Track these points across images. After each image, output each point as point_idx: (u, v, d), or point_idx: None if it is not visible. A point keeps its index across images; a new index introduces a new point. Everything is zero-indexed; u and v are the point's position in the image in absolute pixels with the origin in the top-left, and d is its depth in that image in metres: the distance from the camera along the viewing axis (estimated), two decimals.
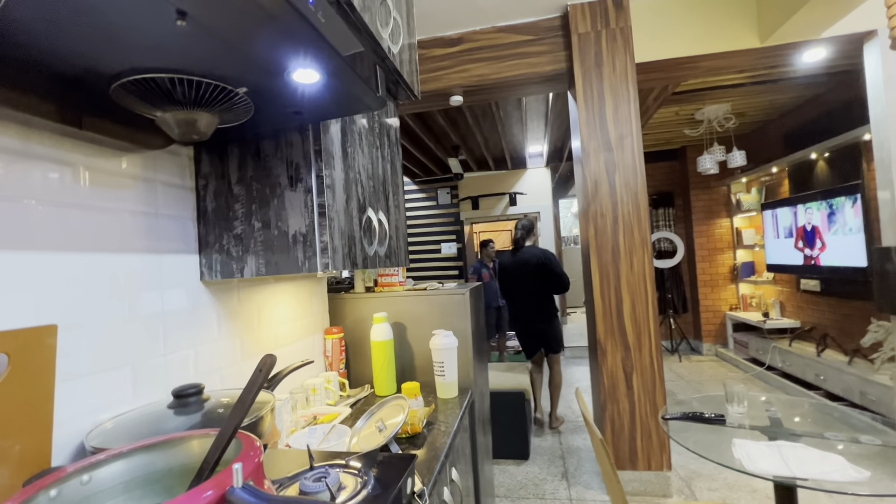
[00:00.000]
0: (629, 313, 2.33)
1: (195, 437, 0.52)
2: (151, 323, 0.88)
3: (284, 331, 1.37)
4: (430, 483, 0.90)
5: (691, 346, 5.42)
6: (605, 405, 2.35)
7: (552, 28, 2.51)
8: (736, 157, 3.91)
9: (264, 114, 0.86)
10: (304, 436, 1.06)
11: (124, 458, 0.49)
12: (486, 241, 5.39)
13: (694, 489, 2.36)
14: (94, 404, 0.76)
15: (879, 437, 1.22)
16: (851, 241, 3.18)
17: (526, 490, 2.46)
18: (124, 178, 0.85)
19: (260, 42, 0.61)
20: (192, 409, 0.76)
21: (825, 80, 3.33)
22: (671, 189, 5.45)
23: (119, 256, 0.82)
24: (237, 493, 0.36)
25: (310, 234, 0.95)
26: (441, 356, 1.45)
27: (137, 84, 0.68)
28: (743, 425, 1.38)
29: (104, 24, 0.53)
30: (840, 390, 3.22)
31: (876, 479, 1.01)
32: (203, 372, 1.02)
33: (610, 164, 2.36)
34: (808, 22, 2.09)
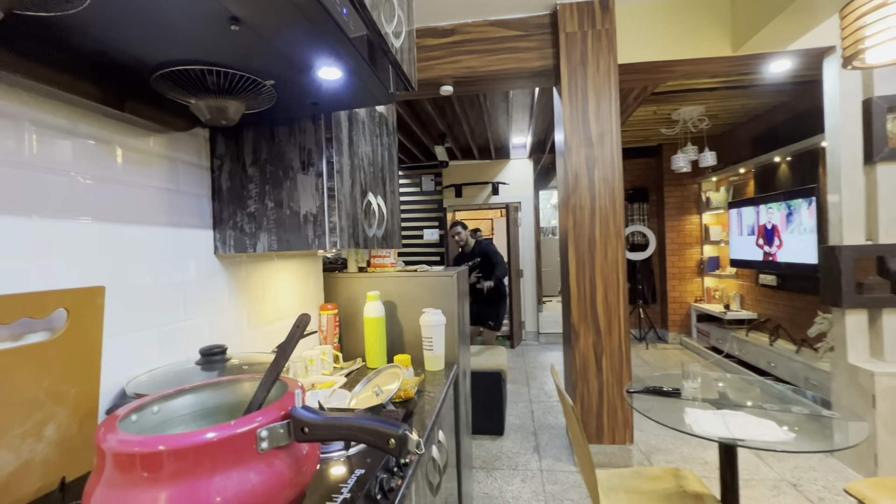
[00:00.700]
0: (602, 300, 2.50)
1: (245, 379, 0.62)
2: (174, 291, 0.96)
3: (285, 305, 1.46)
4: (425, 437, 1.02)
5: (658, 334, 5.72)
6: (576, 384, 2.53)
7: (541, 25, 2.61)
8: (707, 158, 4.13)
9: (284, 102, 0.94)
10: (309, 398, 1.17)
11: (188, 394, 0.59)
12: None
13: (653, 461, 2.58)
14: (129, 360, 0.85)
15: (806, 408, 1.42)
16: (806, 240, 3.45)
17: (500, 462, 2.64)
18: (151, 157, 0.92)
19: (296, 44, 0.70)
20: (216, 366, 0.86)
21: (791, 89, 3.56)
22: (646, 185, 5.69)
23: (147, 228, 0.90)
24: (300, 411, 0.47)
25: (320, 215, 1.04)
26: (430, 332, 1.57)
27: (177, 74, 0.76)
28: (696, 398, 1.56)
29: (162, 24, 0.61)
30: (788, 376, 3.52)
31: (799, 440, 1.20)
32: (216, 338, 1.11)
33: (590, 160, 2.50)
34: (777, 35, 2.26)
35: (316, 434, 0.45)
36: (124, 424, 0.49)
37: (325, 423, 0.45)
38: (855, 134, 2.40)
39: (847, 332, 2.42)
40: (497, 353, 3.28)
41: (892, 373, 2.20)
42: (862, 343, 2.41)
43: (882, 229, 2.34)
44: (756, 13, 2.26)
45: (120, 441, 0.42)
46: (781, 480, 2.33)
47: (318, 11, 0.61)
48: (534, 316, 5.96)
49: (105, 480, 0.41)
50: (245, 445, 0.43)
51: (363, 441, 0.45)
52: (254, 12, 0.60)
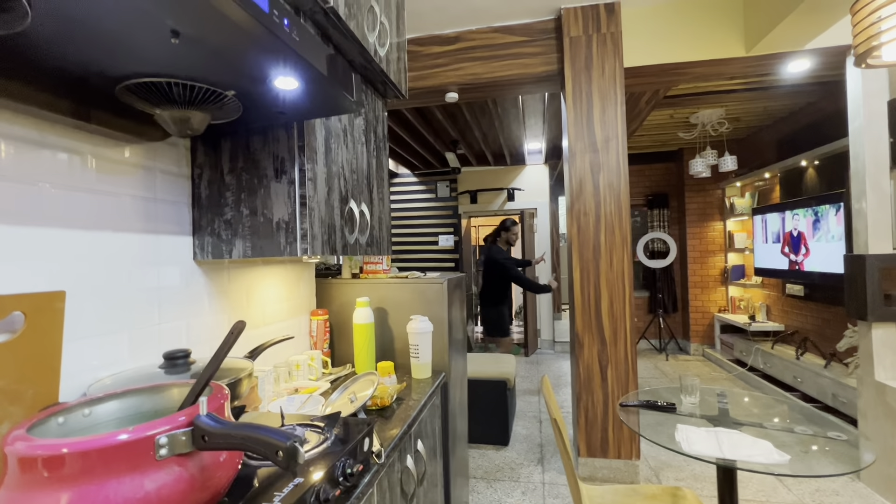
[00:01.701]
0: (607, 309, 2.43)
1: (176, 385, 0.63)
2: (148, 295, 1.00)
3: (272, 310, 1.48)
4: (390, 447, 1.01)
5: (679, 345, 5.52)
6: (581, 396, 2.47)
7: (546, 30, 2.59)
8: (727, 162, 3.98)
9: (252, 113, 0.96)
10: (283, 403, 1.18)
11: (119, 398, 0.60)
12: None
13: (661, 478, 2.48)
14: (96, 363, 0.88)
15: (811, 428, 1.32)
16: (833, 249, 3.26)
17: (502, 473, 2.59)
18: (127, 166, 0.96)
19: (244, 56, 0.71)
20: (180, 369, 0.87)
21: (816, 90, 3.39)
22: (666, 190, 5.52)
23: (121, 235, 0.94)
24: (202, 419, 0.47)
25: (291, 222, 1.06)
26: (416, 339, 1.56)
27: (139, 86, 0.78)
28: (693, 414, 1.49)
29: (110, 39, 0.63)
30: (815, 392, 3.32)
31: (794, 463, 1.12)
32: (194, 342, 1.14)
33: (595, 165, 2.45)
34: (791, 33, 2.16)
35: (213, 443, 0.46)
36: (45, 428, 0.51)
37: (221, 432, 0.45)
38: (880, 136, 2.26)
39: (874, 347, 2.27)
40: (504, 362, 3.24)
41: None
42: (890, 359, 2.25)
43: None
44: (768, 11, 2.17)
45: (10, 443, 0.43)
46: (800, 503, 2.19)
47: (254, 25, 0.63)
48: (549, 324, 5.86)
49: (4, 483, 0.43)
50: (141, 452, 0.44)
51: (254, 451, 0.44)
52: (191, 26, 0.62)
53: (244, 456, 0.75)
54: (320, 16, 1.07)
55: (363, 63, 1.33)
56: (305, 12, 1.04)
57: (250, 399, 1.09)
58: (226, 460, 0.52)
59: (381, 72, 1.41)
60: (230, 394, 0.82)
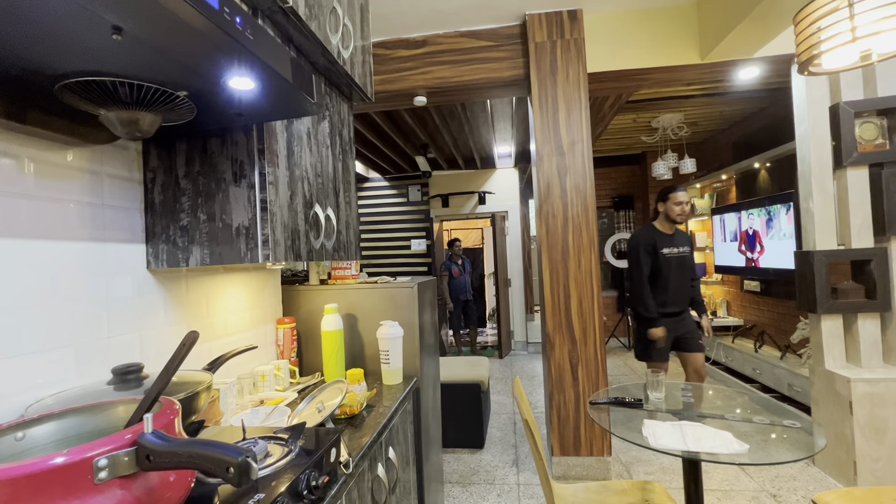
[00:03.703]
0: (576, 309, 2.47)
1: (122, 402, 0.59)
2: (95, 307, 0.94)
3: (234, 319, 1.43)
4: (359, 456, 0.99)
5: None
6: (553, 395, 2.50)
7: (511, 36, 2.62)
8: (687, 165, 4.15)
9: (208, 114, 0.93)
10: (246, 416, 1.13)
11: (56, 419, 0.56)
12: (452, 241, 5.68)
13: (632, 473, 2.53)
14: (37, 381, 0.81)
15: (769, 418, 1.38)
16: (786, 246, 3.44)
17: (478, 476, 2.58)
18: (70, 170, 0.90)
19: (194, 54, 0.68)
20: (131, 385, 0.82)
21: (768, 95, 3.58)
22: (632, 192, 5.70)
23: (64, 244, 0.88)
24: (147, 437, 0.44)
25: (252, 228, 1.02)
26: (386, 345, 1.54)
27: (80, 85, 0.74)
28: (660, 408, 1.53)
29: (44, 34, 0.59)
30: (773, 383, 3.49)
31: (753, 451, 1.17)
32: (149, 355, 1.08)
33: (562, 168, 2.50)
34: (741, 43, 2.28)
35: (159, 462, 0.43)
36: None
37: (167, 451, 0.43)
38: (824, 139, 2.40)
39: (823, 338, 2.40)
40: (477, 365, 3.24)
41: (868, 379, 2.17)
42: (838, 349, 2.39)
43: (854, 234, 2.33)
44: (719, 22, 2.27)
45: None
46: (761, 491, 2.28)
47: (203, 22, 0.60)
48: (522, 325, 5.92)
49: None
50: (78, 476, 0.41)
51: (202, 469, 0.42)
52: (134, 22, 0.58)
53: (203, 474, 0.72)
54: (279, 16, 1.04)
55: (326, 65, 1.30)
56: (263, 11, 1.01)
57: (210, 413, 1.04)
58: (176, 480, 0.49)
59: (345, 74, 1.39)
60: (186, 408, 0.78)
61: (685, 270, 2.70)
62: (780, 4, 1.91)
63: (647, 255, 2.65)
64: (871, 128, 2.35)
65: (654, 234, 2.69)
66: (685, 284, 2.69)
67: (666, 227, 2.71)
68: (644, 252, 2.65)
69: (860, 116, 2.33)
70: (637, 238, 2.72)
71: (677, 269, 2.66)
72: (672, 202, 2.66)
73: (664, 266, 2.64)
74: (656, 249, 2.63)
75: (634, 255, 2.69)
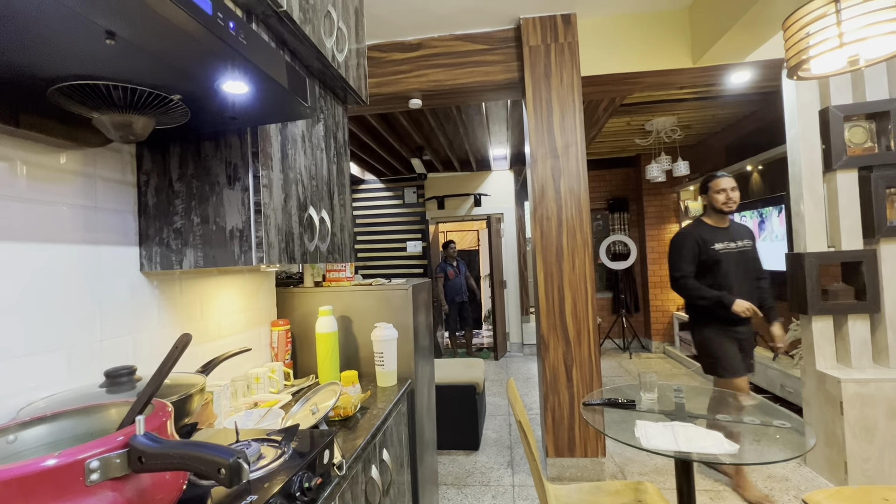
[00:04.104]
0: (570, 310, 2.49)
1: (115, 405, 0.59)
2: (88, 310, 0.94)
3: (228, 322, 1.43)
4: (352, 458, 0.99)
5: (642, 343, 5.72)
6: (548, 396, 2.51)
7: (506, 39, 2.64)
8: (680, 167, 4.18)
9: (202, 118, 0.93)
10: (240, 418, 1.13)
11: (48, 422, 0.56)
12: (447, 243, 5.69)
13: (626, 473, 2.55)
14: (28, 384, 0.81)
15: (759, 418, 1.40)
16: (778, 248, 3.48)
17: (473, 478, 2.59)
18: (63, 173, 0.90)
19: (188, 58, 0.69)
20: (124, 388, 0.82)
21: (759, 99, 3.62)
22: (626, 194, 5.73)
23: (56, 246, 0.88)
24: (138, 439, 0.44)
25: (246, 230, 1.03)
26: (381, 347, 1.54)
27: (74, 88, 0.74)
28: (652, 409, 1.54)
29: (40, 39, 0.60)
30: (765, 384, 3.52)
31: (743, 452, 1.18)
32: (142, 358, 1.08)
33: (556, 171, 2.51)
34: (733, 47, 2.31)
35: (151, 464, 0.43)
36: None
37: (159, 452, 0.43)
38: (814, 143, 2.43)
39: (814, 339, 2.43)
40: (472, 367, 3.25)
41: (858, 379, 2.20)
42: (829, 350, 2.41)
43: (843, 236, 2.36)
44: (712, 26, 2.30)
45: None
46: None
47: (197, 28, 0.60)
48: (518, 327, 5.94)
49: None
50: (69, 479, 0.41)
51: (195, 470, 0.42)
52: (127, 27, 0.59)
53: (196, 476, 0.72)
54: (274, 20, 1.04)
55: (321, 68, 1.31)
56: (257, 16, 1.01)
57: (204, 416, 1.04)
58: (168, 482, 0.50)
59: (340, 77, 1.40)
60: (179, 411, 0.78)
61: (748, 268, 2.31)
62: (770, 10, 1.94)
63: (691, 252, 2.27)
64: (860, 131, 2.38)
65: (703, 229, 2.32)
66: (749, 284, 2.30)
67: (716, 219, 2.34)
68: (688, 249, 2.27)
69: (849, 120, 2.37)
70: (682, 234, 2.35)
71: (737, 266, 2.27)
72: (713, 191, 2.32)
73: (720, 263, 2.24)
74: (707, 245, 2.26)
75: (676, 251, 2.32)
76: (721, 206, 2.29)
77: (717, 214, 2.33)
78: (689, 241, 2.30)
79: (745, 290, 2.26)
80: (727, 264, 2.25)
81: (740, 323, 2.23)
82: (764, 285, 2.37)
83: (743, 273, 2.29)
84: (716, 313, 2.23)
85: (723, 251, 2.26)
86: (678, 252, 2.32)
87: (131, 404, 0.58)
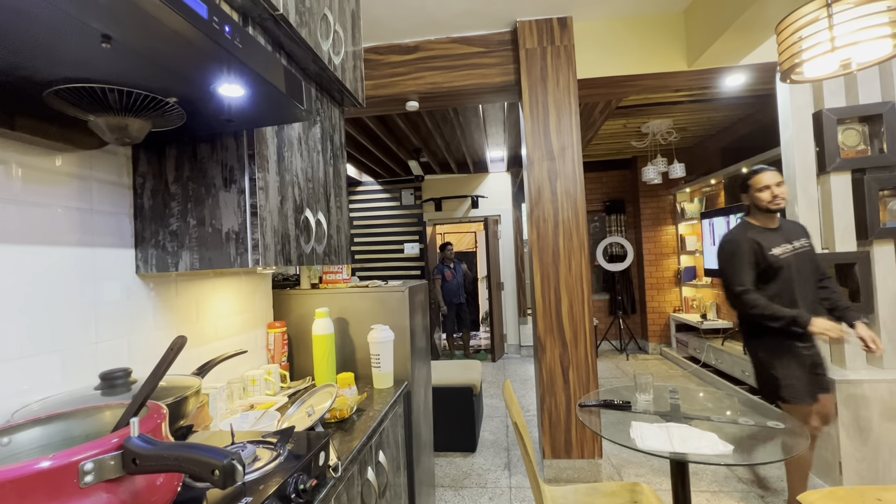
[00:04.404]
0: (567, 312, 2.49)
1: (109, 407, 0.60)
2: (82, 312, 0.93)
3: (224, 324, 1.43)
4: (348, 460, 0.99)
5: (639, 345, 5.73)
6: (544, 398, 2.51)
7: (503, 42, 2.65)
8: (676, 169, 4.20)
9: (198, 120, 0.93)
10: (235, 420, 1.13)
11: (42, 424, 0.56)
12: (444, 245, 5.70)
13: (623, 475, 2.55)
14: (22, 387, 0.81)
15: (754, 419, 1.41)
16: None
17: (470, 480, 2.59)
18: (58, 176, 0.90)
19: (183, 62, 0.69)
20: (119, 390, 0.82)
21: (754, 102, 3.65)
22: (623, 196, 5.76)
23: (51, 249, 0.88)
24: (133, 441, 0.45)
25: (242, 232, 1.03)
26: (377, 349, 1.54)
27: (70, 91, 0.74)
28: (648, 410, 1.55)
29: (36, 43, 0.60)
30: None
31: (737, 453, 1.19)
32: (138, 360, 1.08)
33: (552, 173, 2.52)
34: (727, 50, 2.32)
35: (145, 466, 0.43)
36: None
37: (153, 454, 0.43)
38: (808, 145, 2.45)
39: None
40: (469, 368, 3.25)
41: (853, 380, 2.21)
42: (823, 351, 2.42)
43: (837, 237, 2.38)
44: (706, 29, 2.32)
45: None
46: (750, 492, 2.31)
47: (193, 32, 0.61)
48: (515, 329, 5.94)
49: None
50: (63, 480, 0.41)
51: (189, 472, 0.42)
52: (123, 31, 0.59)
53: (191, 478, 0.72)
54: (270, 23, 1.05)
55: (317, 71, 1.32)
56: (254, 19, 1.02)
57: (199, 418, 1.04)
58: (162, 484, 0.50)
59: (336, 80, 1.40)
60: (174, 413, 0.78)
61: (810, 271, 1.97)
62: (764, 14, 1.96)
63: (750, 261, 1.92)
64: (854, 134, 2.40)
65: (754, 232, 1.97)
66: (813, 290, 1.97)
67: (764, 219, 2.00)
68: (747, 257, 1.93)
69: (843, 123, 2.39)
70: (733, 241, 1.99)
71: (799, 271, 1.93)
72: (755, 189, 1.98)
73: (781, 270, 1.91)
74: (764, 251, 1.91)
75: (733, 262, 1.96)
76: (767, 205, 1.96)
77: (764, 214, 2.00)
78: (745, 247, 1.93)
79: (808, 297, 1.94)
80: (788, 271, 1.92)
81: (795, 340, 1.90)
82: (829, 285, 2.05)
83: (805, 278, 1.96)
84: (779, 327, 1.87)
85: (783, 256, 1.92)
86: (735, 262, 1.94)
87: (126, 406, 0.58)
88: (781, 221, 2.06)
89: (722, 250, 2.03)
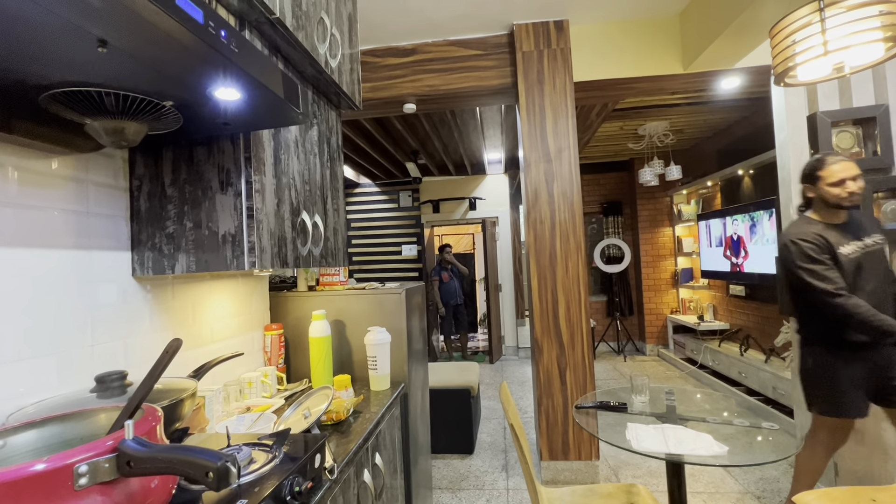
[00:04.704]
0: (564, 314, 2.50)
1: (105, 410, 0.60)
2: (79, 315, 0.94)
3: (221, 326, 1.43)
4: (344, 462, 1.00)
5: (636, 346, 5.74)
6: (542, 400, 2.51)
7: (499, 45, 2.67)
8: (673, 171, 4.22)
9: (194, 123, 0.94)
10: (232, 423, 1.13)
11: (38, 427, 0.56)
12: (443, 246, 5.70)
13: (620, 476, 2.56)
14: (18, 389, 0.81)
15: (749, 420, 1.42)
16: (769, 251, 3.51)
17: (467, 482, 2.59)
18: (55, 179, 0.90)
19: (180, 66, 0.70)
20: (114, 393, 0.83)
21: (749, 104, 3.67)
22: (620, 198, 5.77)
23: (47, 251, 0.88)
24: (128, 444, 0.45)
25: (238, 235, 1.03)
26: (374, 351, 1.55)
27: (66, 95, 0.75)
28: (644, 412, 1.56)
29: (31, 46, 0.60)
30: (758, 386, 3.54)
31: (732, 454, 1.19)
32: (134, 363, 1.08)
33: (549, 175, 2.53)
34: (722, 53, 2.34)
35: (140, 468, 0.44)
36: None
37: (148, 456, 0.43)
38: (802, 148, 2.46)
39: None
40: (467, 370, 3.25)
41: None
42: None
43: None
44: (701, 33, 2.34)
45: None
46: (746, 493, 2.32)
47: (189, 37, 0.61)
48: (513, 331, 5.95)
49: None
50: (58, 483, 0.41)
51: (182, 474, 0.43)
52: (120, 36, 0.60)
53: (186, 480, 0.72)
54: (267, 27, 1.05)
55: (314, 74, 1.32)
56: (250, 23, 1.02)
57: (196, 420, 1.04)
58: (157, 486, 0.50)
59: (333, 83, 1.41)
60: (169, 416, 0.78)
61: (882, 271, 1.73)
62: (758, 18, 1.97)
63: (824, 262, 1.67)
64: (848, 137, 2.42)
65: (819, 229, 1.73)
66: (884, 293, 1.72)
67: (827, 214, 1.77)
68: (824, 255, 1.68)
69: (837, 126, 2.40)
70: (803, 238, 1.72)
71: (870, 272, 1.70)
72: (825, 182, 1.72)
73: (848, 273, 1.68)
74: (833, 249, 1.69)
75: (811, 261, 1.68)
76: (840, 201, 1.70)
77: (829, 209, 1.76)
78: (819, 243, 1.70)
79: (879, 300, 1.69)
80: (856, 272, 1.69)
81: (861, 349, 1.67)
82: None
83: (878, 279, 1.71)
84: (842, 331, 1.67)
85: (852, 256, 1.70)
86: (814, 260, 1.68)
87: (121, 409, 0.58)
88: (850, 215, 1.79)
89: (788, 250, 1.76)
